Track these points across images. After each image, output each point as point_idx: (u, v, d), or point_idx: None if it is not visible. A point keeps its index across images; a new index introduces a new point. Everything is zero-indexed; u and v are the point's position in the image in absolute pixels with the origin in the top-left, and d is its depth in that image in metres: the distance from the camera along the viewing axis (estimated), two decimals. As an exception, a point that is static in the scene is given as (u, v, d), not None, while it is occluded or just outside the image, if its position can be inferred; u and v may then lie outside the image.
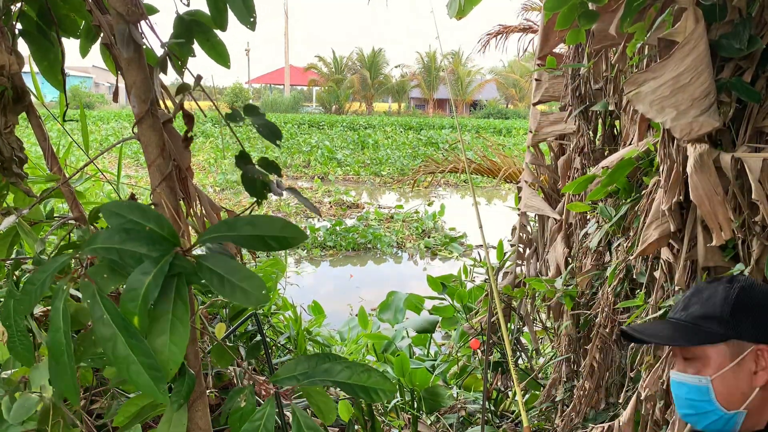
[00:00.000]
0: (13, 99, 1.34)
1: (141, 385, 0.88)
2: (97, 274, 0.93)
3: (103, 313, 0.89)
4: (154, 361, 0.88)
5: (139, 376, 0.87)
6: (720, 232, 1.68)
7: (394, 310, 5.09)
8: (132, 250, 0.90)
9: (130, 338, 0.88)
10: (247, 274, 0.91)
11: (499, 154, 6.63)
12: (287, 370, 1.13)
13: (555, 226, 3.33)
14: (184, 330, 0.91)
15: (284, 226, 0.93)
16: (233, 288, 0.90)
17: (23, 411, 1.11)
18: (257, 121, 1.08)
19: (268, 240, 0.93)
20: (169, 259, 0.90)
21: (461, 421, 3.63)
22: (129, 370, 0.87)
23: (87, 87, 48.17)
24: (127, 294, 0.87)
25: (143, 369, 0.87)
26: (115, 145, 1.18)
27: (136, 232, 0.92)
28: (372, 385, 1.10)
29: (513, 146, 19.06)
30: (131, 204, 0.96)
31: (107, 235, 0.91)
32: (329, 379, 1.10)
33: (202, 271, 0.92)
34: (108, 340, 0.88)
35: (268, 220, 0.93)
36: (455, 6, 2.35)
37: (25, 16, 1.46)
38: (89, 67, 50.59)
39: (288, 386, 1.13)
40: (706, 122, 1.64)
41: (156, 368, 0.88)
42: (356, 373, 1.10)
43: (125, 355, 0.87)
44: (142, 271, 0.88)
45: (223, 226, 0.96)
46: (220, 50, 1.25)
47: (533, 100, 3.39)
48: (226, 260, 0.93)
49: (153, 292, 0.87)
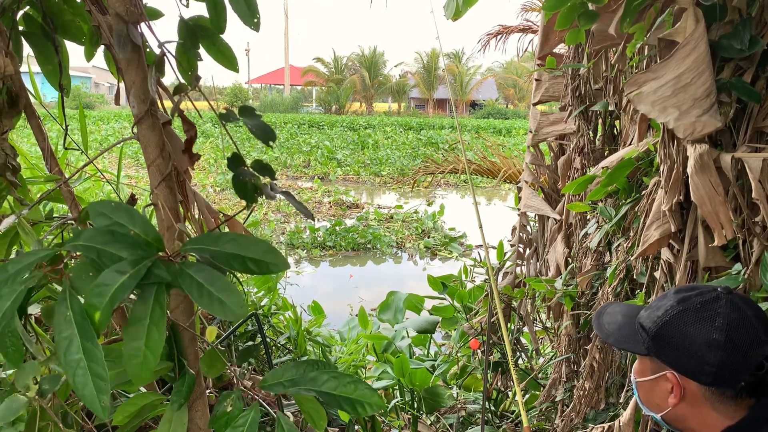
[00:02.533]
0: (8, 103, 1.32)
1: (83, 393, 0.84)
2: (82, 272, 0.92)
3: (68, 311, 0.86)
4: (104, 371, 0.85)
5: (85, 384, 0.84)
6: (722, 232, 1.68)
7: (394, 310, 5.09)
8: (112, 252, 0.89)
9: (86, 341, 0.85)
10: (227, 287, 0.89)
11: (498, 154, 6.63)
12: (275, 376, 1.12)
13: (555, 226, 3.33)
14: (159, 336, 0.89)
15: (267, 251, 0.91)
16: (211, 298, 0.88)
17: (10, 412, 1.09)
18: (251, 121, 1.07)
19: (247, 261, 0.91)
20: (147, 264, 0.89)
21: (461, 421, 3.63)
22: (75, 375, 0.84)
23: (87, 87, 48.20)
24: (97, 288, 0.85)
25: (90, 376, 0.84)
26: (114, 145, 1.17)
27: (120, 235, 0.91)
28: (358, 398, 1.08)
29: (513, 146, 19.05)
30: (119, 205, 0.94)
31: (91, 234, 0.90)
32: (314, 389, 1.09)
33: (182, 277, 0.90)
34: (64, 339, 0.85)
35: (253, 241, 0.92)
36: (452, 7, 2.34)
37: (30, 18, 1.46)
38: (89, 68, 50.58)
39: (275, 393, 1.12)
40: (709, 122, 1.64)
41: (103, 378, 0.84)
42: (342, 384, 1.09)
43: (76, 359, 0.84)
44: (117, 269, 0.87)
45: (206, 239, 0.94)
46: (227, 54, 1.24)
47: (533, 100, 3.39)
48: (208, 270, 0.91)
49: (124, 292, 0.85)
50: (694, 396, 1.14)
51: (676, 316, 1.14)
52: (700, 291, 1.16)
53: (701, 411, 1.14)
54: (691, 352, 1.11)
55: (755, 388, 1.09)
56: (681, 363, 1.13)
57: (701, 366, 1.10)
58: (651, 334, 1.17)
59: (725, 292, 1.13)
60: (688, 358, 1.12)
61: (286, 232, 11.21)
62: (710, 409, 1.13)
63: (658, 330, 1.16)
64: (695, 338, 1.11)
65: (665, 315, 1.15)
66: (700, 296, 1.14)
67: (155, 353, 0.88)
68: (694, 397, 1.14)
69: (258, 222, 10.80)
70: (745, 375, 1.08)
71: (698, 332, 1.11)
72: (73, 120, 14.65)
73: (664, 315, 1.15)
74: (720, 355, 1.08)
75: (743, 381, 1.08)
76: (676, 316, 1.14)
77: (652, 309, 1.20)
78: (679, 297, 1.16)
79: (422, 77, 49.35)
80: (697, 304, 1.13)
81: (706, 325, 1.10)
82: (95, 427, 1.55)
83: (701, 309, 1.12)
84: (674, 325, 1.14)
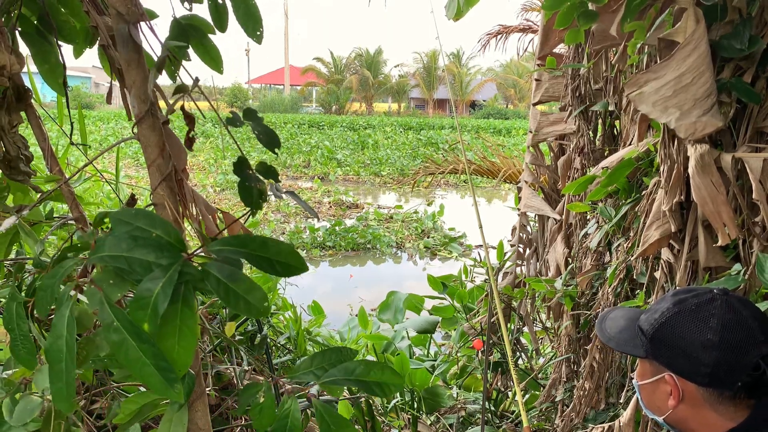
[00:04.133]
0: (15, 98, 1.35)
1: (155, 386, 0.90)
2: (103, 280, 0.94)
3: (113, 320, 0.90)
4: (167, 363, 0.90)
5: (153, 377, 0.89)
6: (725, 232, 1.68)
7: (394, 310, 5.10)
8: (140, 258, 0.90)
9: (141, 343, 0.89)
10: (251, 286, 0.92)
11: (498, 154, 6.63)
12: (304, 365, 1.13)
13: (555, 226, 3.33)
14: (191, 335, 0.92)
15: (291, 254, 0.95)
16: (237, 298, 0.91)
17: (26, 413, 1.11)
18: (256, 127, 1.07)
19: (275, 264, 0.94)
20: (178, 268, 0.91)
21: (461, 421, 3.63)
22: (143, 372, 0.89)
23: (87, 87, 48.20)
24: (137, 302, 0.88)
25: (156, 371, 0.90)
26: (114, 146, 1.17)
27: (143, 239, 0.92)
28: (386, 381, 1.11)
29: (513, 146, 19.05)
30: (138, 211, 0.95)
31: (114, 242, 0.91)
32: (350, 378, 1.11)
33: (208, 278, 0.93)
34: (120, 345, 0.90)
35: (279, 245, 0.95)
36: (453, 7, 2.34)
37: (24, 18, 1.46)
38: (89, 68, 50.64)
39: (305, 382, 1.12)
40: (710, 122, 1.64)
41: (169, 370, 0.90)
42: (372, 370, 1.11)
43: (137, 359, 0.89)
44: (151, 279, 0.89)
45: (235, 241, 0.96)
46: (214, 54, 1.26)
47: (533, 100, 3.39)
48: (231, 270, 0.93)
49: (163, 300, 0.88)
50: (693, 397, 1.14)
51: (672, 317, 1.15)
52: (696, 293, 1.16)
53: (701, 412, 1.14)
54: (687, 353, 1.12)
55: (754, 388, 1.09)
56: (678, 364, 1.14)
57: (697, 367, 1.11)
58: (648, 337, 1.18)
59: (721, 293, 1.14)
60: (684, 359, 1.13)
61: (286, 233, 11.21)
62: (710, 410, 1.13)
63: (655, 332, 1.17)
64: (691, 339, 1.12)
65: (662, 317, 1.16)
66: (695, 298, 1.15)
67: (189, 352, 0.92)
68: (693, 399, 1.14)
69: (257, 222, 10.79)
70: (741, 375, 1.08)
71: (693, 333, 1.12)
72: (73, 120, 14.56)
73: (661, 317, 1.16)
74: (715, 355, 1.09)
75: (740, 381, 1.08)
76: (672, 317, 1.15)
77: (651, 312, 1.21)
78: (676, 299, 1.17)
79: (422, 77, 49.36)
80: (692, 305, 1.14)
81: (701, 326, 1.11)
82: (95, 427, 1.55)
83: (696, 310, 1.13)
84: (670, 326, 1.15)
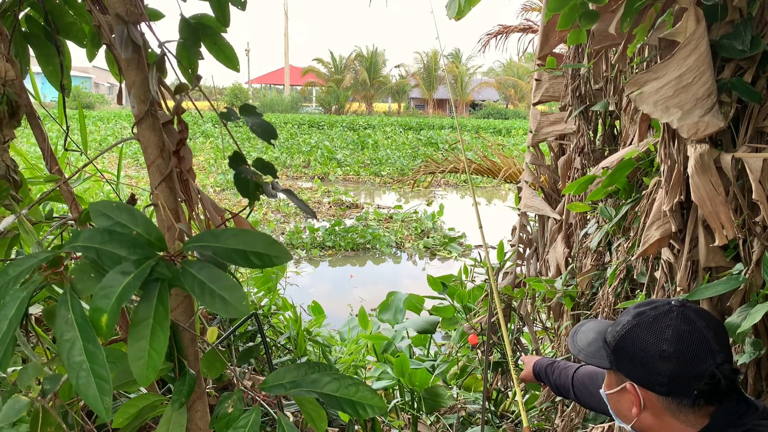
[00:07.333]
0: (9, 113, 1.31)
1: (86, 394, 0.84)
2: (82, 273, 0.91)
3: (69, 313, 0.86)
4: (106, 373, 0.85)
5: (87, 385, 0.84)
6: (722, 233, 1.68)
7: (394, 310, 5.09)
8: (111, 251, 0.88)
9: (88, 343, 0.85)
10: (229, 284, 0.89)
11: (499, 154, 6.63)
12: (276, 377, 1.13)
13: (555, 226, 3.33)
14: (163, 336, 0.89)
15: (269, 244, 0.91)
16: (213, 296, 0.88)
17: (13, 413, 1.09)
18: (252, 119, 1.07)
19: (250, 255, 0.90)
20: (151, 263, 0.88)
21: (461, 421, 3.63)
22: (78, 377, 0.84)
23: (87, 87, 48.20)
24: (102, 291, 0.84)
25: (93, 378, 0.84)
26: (114, 146, 1.17)
27: (120, 234, 0.90)
28: (359, 400, 1.09)
29: (513, 146, 19.04)
30: (120, 205, 0.93)
31: (90, 234, 0.89)
32: (316, 390, 1.09)
33: (184, 276, 0.90)
34: (66, 341, 0.85)
35: (254, 235, 0.91)
36: (454, 7, 2.34)
37: (31, 19, 1.46)
38: (89, 68, 50.57)
39: (275, 394, 1.12)
40: (712, 122, 1.64)
41: (105, 379, 0.85)
42: (344, 386, 1.09)
43: (79, 361, 0.84)
44: (120, 270, 0.86)
45: (207, 236, 0.94)
46: (228, 53, 1.24)
47: (533, 100, 3.39)
48: (210, 268, 0.90)
49: (129, 293, 0.85)
50: (654, 406, 1.18)
51: (632, 330, 1.20)
52: (654, 305, 1.21)
53: (664, 420, 1.18)
54: (645, 363, 1.17)
55: (711, 395, 1.13)
56: (637, 374, 1.19)
57: (655, 377, 1.15)
58: (611, 348, 1.23)
59: (678, 305, 1.18)
60: (642, 369, 1.17)
61: (286, 233, 11.20)
62: (672, 417, 1.17)
63: (616, 344, 1.22)
64: (648, 350, 1.16)
65: (622, 329, 1.22)
66: (653, 310, 1.20)
67: (160, 353, 0.88)
68: (654, 407, 1.18)
69: (257, 222, 10.80)
70: (698, 384, 1.12)
71: (650, 344, 1.16)
72: (73, 120, 14.63)
73: (622, 329, 1.22)
74: (671, 366, 1.13)
75: (697, 390, 1.12)
76: (632, 330, 1.20)
77: (615, 324, 1.26)
78: (636, 311, 1.22)
79: (422, 77, 49.35)
80: (650, 318, 1.19)
81: (657, 338, 1.16)
82: (95, 427, 1.55)
83: (653, 322, 1.18)
84: (630, 338, 1.20)
